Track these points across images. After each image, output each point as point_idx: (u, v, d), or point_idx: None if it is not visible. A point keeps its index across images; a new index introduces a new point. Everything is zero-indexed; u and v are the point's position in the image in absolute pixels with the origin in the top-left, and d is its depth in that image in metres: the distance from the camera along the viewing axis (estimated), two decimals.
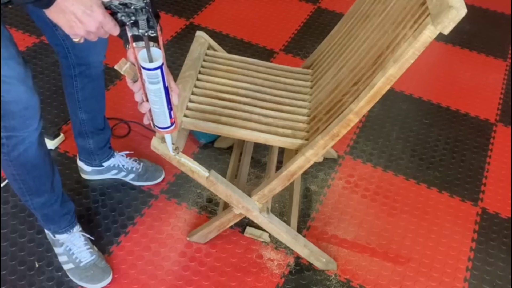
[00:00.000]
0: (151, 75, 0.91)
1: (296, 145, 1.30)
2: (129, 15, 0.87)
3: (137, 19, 0.87)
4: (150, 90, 0.94)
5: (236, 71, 1.49)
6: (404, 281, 1.57)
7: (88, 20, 0.87)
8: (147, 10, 0.86)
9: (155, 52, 0.91)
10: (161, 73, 0.92)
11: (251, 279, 1.54)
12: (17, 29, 2.33)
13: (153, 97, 0.96)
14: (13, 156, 1.22)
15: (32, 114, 1.17)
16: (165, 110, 0.99)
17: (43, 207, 1.39)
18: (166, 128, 1.04)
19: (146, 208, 1.70)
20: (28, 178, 1.30)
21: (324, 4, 2.76)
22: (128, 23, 0.88)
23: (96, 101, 1.55)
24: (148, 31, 0.88)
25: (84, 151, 1.68)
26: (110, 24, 0.89)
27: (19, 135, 1.18)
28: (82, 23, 0.87)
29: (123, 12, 0.87)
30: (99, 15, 0.87)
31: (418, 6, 1.08)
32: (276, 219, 1.47)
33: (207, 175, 1.28)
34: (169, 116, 1.01)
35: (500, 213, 1.80)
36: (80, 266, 1.47)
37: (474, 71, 2.43)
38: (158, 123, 1.03)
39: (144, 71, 0.91)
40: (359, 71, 1.22)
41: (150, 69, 0.90)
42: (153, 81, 0.92)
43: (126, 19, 0.87)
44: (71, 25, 0.88)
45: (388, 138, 2.05)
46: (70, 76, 1.44)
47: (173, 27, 2.49)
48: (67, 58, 1.39)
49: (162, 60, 0.91)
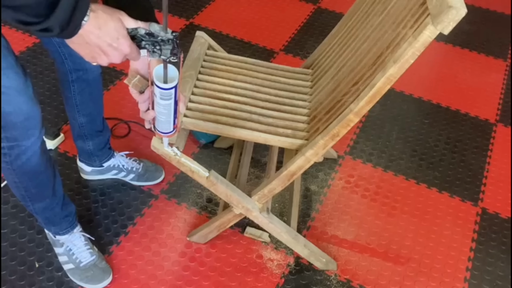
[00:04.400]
0: (164, 94, 0.88)
1: (296, 145, 1.30)
2: (153, 44, 0.83)
3: (162, 48, 0.83)
4: (160, 104, 0.92)
5: (236, 71, 1.49)
6: (404, 281, 1.57)
7: (113, 53, 0.82)
8: (174, 41, 0.82)
9: (171, 70, 0.87)
10: (174, 92, 0.89)
11: (251, 279, 1.54)
12: (17, 29, 2.33)
13: (161, 110, 0.93)
14: (16, 165, 1.20)
15: (34, 124, 1.16)
16: (170, 120, 0.97)
17: (45, 211, 1.39)
18: (168, 133, 1.03)
19: (146, 208, 1.70)
20: (30, 185, 1.29)
21: (324, 4, 2.76)
22: (151, 50, 0.84)
23: (94, 104, 1.54)
24: (169, 57, 0.84)
25: (83, 153, 1.68)
26: (135, 53, 0.84)
27: (21, 145, 1.16)
28: (107, 56, 0.82)
29: (147, 41, 0.83)
30: (126, 48, 0.82)
31: (418, 6, 1.08)
32: (276, 219, 1.47)
33: (207, 175, 1.28)
34: (173, 124, 1.00)
35: (500, 213, 1.80)
36: (80, 266, 1.47)
37: (474, 71, 2.43)
38: (160, 128, 1.01)
39: (157, 88, 0.88)
40: (359, 71, 1.22)
41: (164, 88, 0.87)
42: (165, 98, 0.90)
43: (150, 48, 0.83)
44: (94, 56, 0.83)
45: (388, 138, 2.05)
46: (67, 81, 1.43)
47: (173, 27, 2.49)
48: (64, 64, 1.38)
49: (177, 80, 0.87)
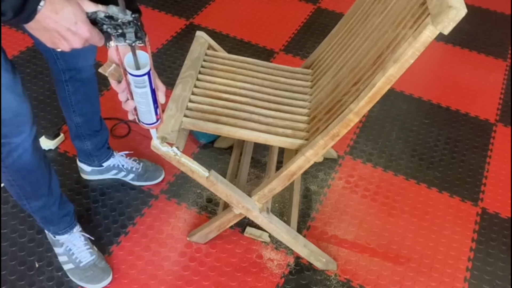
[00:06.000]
0: (138, 80, 0.87)
1: (296, 145, 1.30)
2: (115, 27, 0.82)
3: (124, 31, 0.82)
4: (136, 93, 0.91)
5: (236, 71, 1.49)
6: (404, 281, 1.57)
7: (73, 38, 0.82)
8: (135, 23, 0.81)
9: (141, 56, 0.85)
10: (148, 78, 0.87)
11: (251, 279, 1.54)
12: (17, 29, 2.33)
13: (138, 98, 0.92)
14: (7, 162, 1.20)
15: (23, 121, 1.15)
16: (151, 109, 0.95)
17: (42, 210, 1.39)
18: (151, 124, 1.01)
19: (146, 208, 1.70)
20: (25, 183, 1.29)
21: (324, 4, 2.76)
22: (114, 34, 0.83)
23: (90, 104, 1.54)
24: (135, 42, 0.83)
25: (82, 153, 1.68)
26: (96, 38, 0.84)
27: (12, 142, 1.16)
28: (67, 40, 0.82)
29: (109, 24, 0.82)
30: (85, 32, 0.81)
31: (418, 6, 1.08)
32: (276, 219, 1.47)
33: (207, 175, 1.28)
34: (154, 114, 0.97)
35: (500, 213, 1.80)
36: (80, 266, 1.47)
37: (474, 71, 2.43)
38: (143, 119, 1.00)
39: (130, 76, 0.87)
40: (359, 71, 1.22)
41: (137, 75, 0.86)
42: (140, 86, 0.88)
43: (112, 31, 0.82)
44: (54, 42, 0.83)
45: (388, 138, 2.05)
46: (61, 81, 1.43)
47: (173, 27, 2.49)
48: (56, 63, 1.38)
49: (149, 66, 0.86)
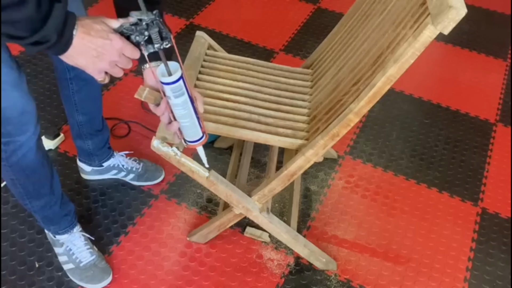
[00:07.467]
0: (174, 88, 0.89)
1: (296, 145, 1.30)
2: (142, 32, 0.85)
3: (150, 33, 0.85)
4: (176, 104, 0.92)
5: (236, 71, 1.49)
6: (404, 281, 1.57)
7: (109, 49, 0.84)
8: (158, 21, 0.84)
9: (172, 65, 0.89)
10: (183, 83, 0.90)
11: (251, 279, 1.54)
12: None
13: (181, 111, 0.94)
14: (11, 161, 1.20)
15: (29, 119, 1.16)
16: (195, 121, 0.97)
17: (43, 210, 1.39)
18: (198, 140, 1.01)
19: (146, 208, 1.70)
20: (27, 183, 1.29)
21: (324, 4, 2.76)
22: (143, 41, 0.86)
23: (93, 103, 1.54)
24: (162, 44, 0.86)
25: (83, 152, 1.68)
26: (130, 47, 0.87)
27: (16, 141, 1.17)
28: (104, 55, 0.85)
29: (135, 32, 0.85)
30: (118, 40, 0.84)
31: (418, 6, 1.08)
32: (276, 219, 1.47)
33: (207, 175, 1.28)
34: (199, 126, 0.99)
35: (500, 213, 1.80)
36: (80, 266, 1.47)
37: (474, 71, 2.43)
38: (190, 137, 1.00)
39: (166, 86, 0.89)
40: (359, 71, 1.22)
41: (172, 82, 0.88)
42: (178, 94, 0.90)
43: (140, 38, 0.85)
44: (93, 61, 0.85)
45: (388, 138, 2.05)
46: (65, 79, 1.43)
47: (173, 27, 2.49)
48: (62, 61, 1.37)
49: (181, 71, 0.89)
